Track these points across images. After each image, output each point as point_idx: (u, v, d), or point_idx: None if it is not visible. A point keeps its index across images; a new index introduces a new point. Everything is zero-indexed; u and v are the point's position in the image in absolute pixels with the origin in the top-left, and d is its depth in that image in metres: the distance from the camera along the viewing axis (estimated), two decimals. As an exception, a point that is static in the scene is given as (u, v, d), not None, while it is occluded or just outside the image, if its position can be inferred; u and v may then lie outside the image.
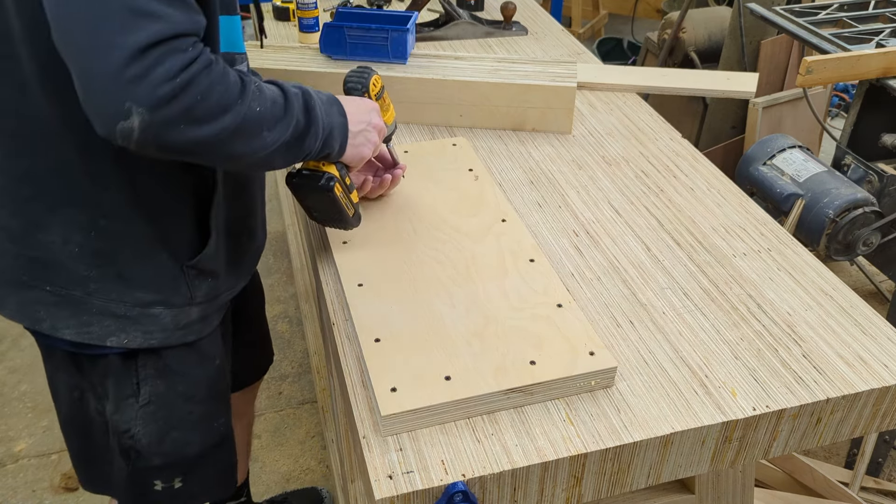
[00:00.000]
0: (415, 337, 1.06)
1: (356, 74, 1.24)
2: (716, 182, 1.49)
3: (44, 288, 1.08)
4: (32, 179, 1.03)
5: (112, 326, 1.09)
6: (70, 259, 1.06)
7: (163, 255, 1.10)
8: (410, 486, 0.90)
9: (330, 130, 1.08)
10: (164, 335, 1.13)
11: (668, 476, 1.03)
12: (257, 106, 0.94)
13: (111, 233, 1.06)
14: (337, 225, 1.23)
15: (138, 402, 1.17)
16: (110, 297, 1.08)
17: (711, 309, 1.18)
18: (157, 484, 1.24)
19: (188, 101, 0.84)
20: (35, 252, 1.06)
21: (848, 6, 2.44)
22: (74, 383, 1.19)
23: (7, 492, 2.11)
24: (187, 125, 0.86)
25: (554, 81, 1.62)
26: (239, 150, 0.94)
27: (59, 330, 1.09)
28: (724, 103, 2.99)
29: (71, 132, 0.99)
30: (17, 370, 2.50)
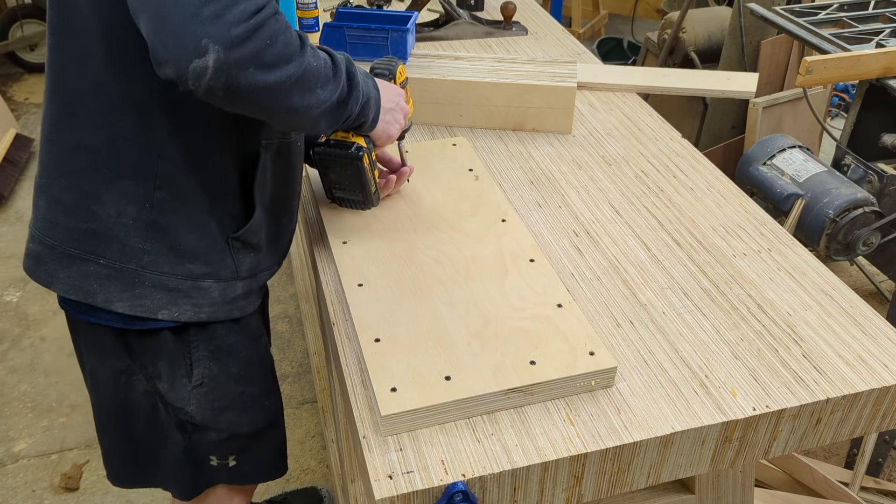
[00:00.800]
0: (415, 337, 1.06)
1: (384, 62, 1.28)
2: (716, 182, 1.49)
3: (97, 261, 1.09)
4: (88, 151, 1.05)
5: (164, 299, 1.11)
6: (124, 231, 1.07)
7: (212, 227, 1.11)
8: (410, 486, 0.90)
9: (367, 99, 1.12)
10: (213, 309, 1.15)
11: (668, 476, 1.03)
12: (314, 61, 0.97)
13: (165, 204, 1.07)
14: (357, 201, 1.25)
15: (191, 383, 1.18)
16: (163, 269, 1.10)
17: (711, 309, 1.18)
18: (213, 459, 1.26)
19: (259, 44, 0.87)
20: (89, 225, 1.08)
21: (848, 6, 2.44)
22: (123, 367, 1.18)
23: (7, 492, 2.11)
24: (256, 69, 0.88)
25: (554, 81, 1.62)
26: (296, 102, 0.97)
27: (113, 303, 1.09)
28: (724, 103, 2.99)
29: (130, 105, 1.02)
30: (17, 370, 2.50)
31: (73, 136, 1.05)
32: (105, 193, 1.06)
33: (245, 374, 1.23)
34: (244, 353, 1.22)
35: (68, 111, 1.04)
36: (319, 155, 1.21)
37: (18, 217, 3.26)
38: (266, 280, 1.26)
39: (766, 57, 2.86)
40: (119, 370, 1.19)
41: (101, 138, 1.04)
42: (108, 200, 1.06)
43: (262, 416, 1.28)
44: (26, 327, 2.67)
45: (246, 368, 1.23)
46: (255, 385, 1.25)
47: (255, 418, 1.27)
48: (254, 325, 1.25)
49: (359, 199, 1.26)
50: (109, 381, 1.21)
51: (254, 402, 1.26)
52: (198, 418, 1.21)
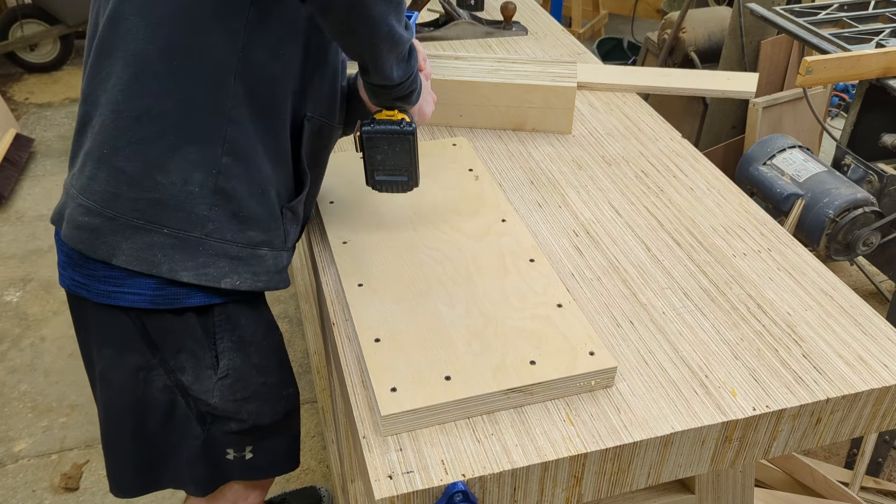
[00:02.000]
0: (415, 337, 1.06)
1: None
2: (716, 182, 1.49)
3: (161, 231, 1.08)
4: (154, 119, 1.06)
5: (226, 267, 1.12)
6: (189, 199, 1.08)
7: (270, 195, 1.14)
8: (410, 486, 0.90)
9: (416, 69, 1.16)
10: (267, 278, 1.17)
11: (668, 476, 1.03)
12: None
13: (231, 170, 1.09)
14: (401, 182, 1.24)
15: (216, 375, 1.18)
16: (225, 237, 1.11)
17: (711, 309, 1.18)
18: (230, 453, 1.25)
19: None
20: (153, 194, 1.07)
21: (848, 6, 2.44)
22: (143, 362, 1.17)
23: (7, 492, 2.11)
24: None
25: (554, 81, 1.62)
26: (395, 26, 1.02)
27: (178, 273, 1.09)
28: (724, 103, 2.99)
29: (205, 69, 1.05)
30: (17, 370, 2.50)
31: (143, 104, 1.06)
32: (171, 162, 1.07)
33: (265, 365, 1.24)
34: (264, 342, 1.23)
35: (140, 79, 1.05)
36: (368, 134, 1.19)
37: (19, 217, 3.26)
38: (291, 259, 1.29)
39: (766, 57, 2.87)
40: (139, 366, 1.18)
41: (172, 104, 1.05)
42: (174, 168, 1.07)
43: (281, 407, 1.28)
44: (26, 327, 2.67)
45: (266, 358, 1.24)
46: (274, 375, 1.26)
47: (276, 408, 1.27)
48: (269, 314, 1.26)
49: (403, 180, 1.24)
50: (126, 379, 1.19)
51: (272, 392, 1.26)
52: (219, 409, 1.21)
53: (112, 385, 1.22)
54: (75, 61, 4.59)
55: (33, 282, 2.88)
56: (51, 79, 4.41)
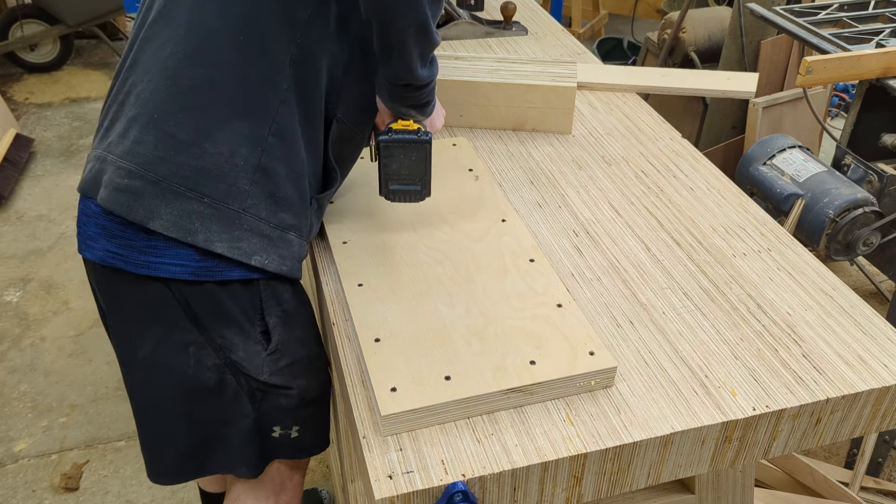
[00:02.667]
0: (415, 337, 1.06)
1: None
2: (716, 182, 1.49)
3: (201, 199, 1.10)
4: (211, 88, 1.09)
5: (258, 245, 1.13)
6: (233, 171, 1.10)
7: (305, 182, 1.17)
8: (410, 486, 0.90)
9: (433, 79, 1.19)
10: (291, 264, 1.18)
11: (668, 476, 1.03)
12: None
13: (275, 150, 1.12)
14: (414, 192, 1.24)
15: (266, 350, 1.19)
16: (261, 215, 1.13)
17: (711, 309, 1.18)
18: (276, 430, 1.25)
19: None
20: (199, 162, 1.09)
21: (848, 6, 2.44)
22: (192, 339, 1.16)
23: (7, 492, 2.11)
24: None
25: (554, 81, 1.62)
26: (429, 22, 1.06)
27: (213, 243, 1.10)
28: (724, 103, 2.99)
29: (266, 49, 1.10)
30: (17, 370, 2.50)
31: (202, 72, 1.09)
32: (220, 132, 1.09)
33: (306, 338, 1.24)
34: (304, 316, 1.24)
35: (201, 49, 1.10)
36: (385, 143, 1.19)
37: (19, 217, 3.26)
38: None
39: (766, 57, 2.86)
40: (187, 342, 1.16)
41: (231, 77, 1.09)
42: (223, 139, 1.09)
43: (323, 379, 1.29)
44: (26, 327, 2.67)
45: (306, 331, 1.25)
46: (314, 347, 1.26)
47: (319, 380, 1.28)
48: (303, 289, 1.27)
49: (416, 190, 1.24)
50: (175, 357, 1.16)
51: (313, 364, 1.26)
52: (269, 384, 1.20)
53: (158, 365, 1.18)
54: (75, 61, 4.59)
55: (33, 282, 2.88)
56: (51, 79, 4.41)
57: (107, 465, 2.19)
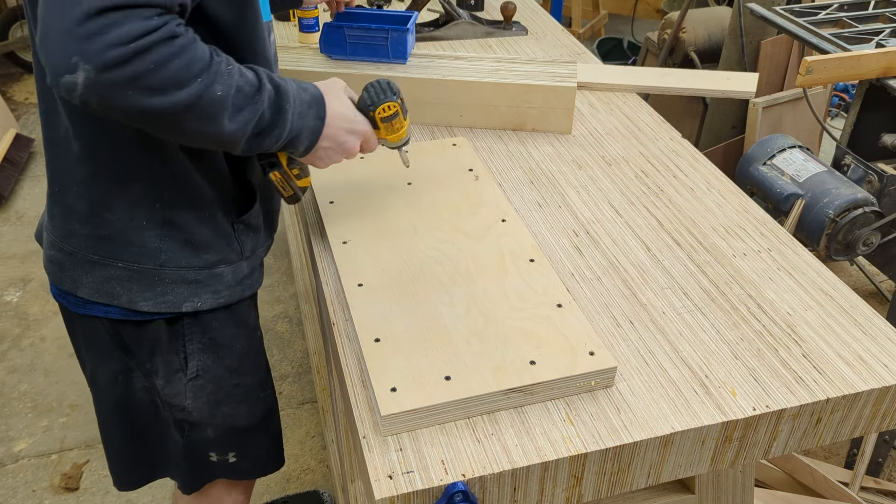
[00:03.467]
0: (415, 337, 1.06)
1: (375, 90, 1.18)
2: (716, 182, 1.49)
3: (116, 265, 1.11)
4: (93, 159, 1.07)
5: (185, 292, 1.13)
6: (138, 233, 1.09)
7: (218, 215, 1.15)
8: (410, 486, 0.90)
9: (298, 133, 1.06)
10: (229, 292, 1.18)
11: (668, 476, 1.03)
12: (220, 90, 0.93)
13: (175, 202, 1.10)
14: None
15: (186, 376, 1.20)
16: (181, 264, 1.12)
17: (711, 309, 1.18)
18: (213, 455, 1.28)
19: (139, 68, 0.85)
20: (103, 231, 1.09)
21: (848, 6, 2.44)
22: (121, 366, 1.20)
23: (7, 492, 2.11)
24: (135, 92, 0.86)
25: (554, 81, 1.62)
26: (192, 128, 0.93)
27: (137, 303, 1.12)
28: (724, 103, 2.99)
29: None
30: (17, 370, 2.50)
31: (80, 145, 1.06)
32: (115, 200, 1.08)
33: (239, 367, 1.25)
34: (238, 344, 1.24)
35: (72, 121, 1.05)
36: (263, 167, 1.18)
37: (19, 217, 3.26)
38: (263, 256, 1.29)
39: (766, 57, 2.86)
40: (118, 370, 1.21)
41: (106, 146, 1.05)
42: (119, 206, 1.08)
43: (258, 409, 1.29)
44: (26, 327, 2.67)
45: (241, 360, 1.25)
46: (249, 376, 1.27)
47: (252, 410, 1.28)
48: (247, 316, 1.26)
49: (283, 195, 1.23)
50: (109, 381, 1.23)
51: (248, 394, 1.27)
52: (195, 414, 1.22)
53: (98, 386, 1.26)
54: (75, 61, 4.58)
55: (33, 282, 2.87)
56: (51, 79, 4.40)
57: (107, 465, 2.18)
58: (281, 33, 2.10)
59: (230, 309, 1.21)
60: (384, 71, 1.64)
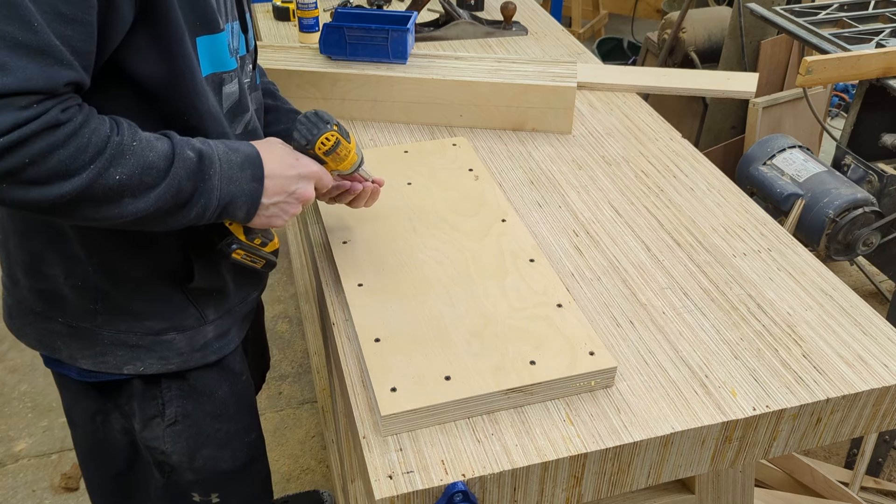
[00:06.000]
0: (415, 337, 1.06)
1: (308, 124, 1.08)
2: (716, 182, 1.49)
3: (57, 319, 1.07)
4: (24, 214, 1.02)
5: (126, 356, 1.08)
6: (74, 293, 1.05)
7: (163, 283, 1.07)
8: (410, 486, 0.90)
9: (230, 200, 0.97)
10: (182, 359, 1.11)
11: (668, 476, 1.03)
12: (118, 174, 0.85)
13: (107, 269, 1.04)
14: None
15: (164, 422, 1.16)
16: (119, 328, 1.07)
17: (711, 309, 1.18)
18: (195, 496, 1.23)
19: (12, 163, 0.77)
20: (42, 285, 1.06)
21: (848, 6, 2.44)
22: (97, 408, 1.16)
23: (7, 492, 2.11)
24: (11, 185, 0.79)
25: (554, 81, 1.62)
26: (90, 215, 0.86)
27: (77, 360, 1.08)
28: (724, 103, 2.99)
29: None
30: (17, 370, 2.50)
31: None
32: (51, 255, 1.03)
33: (222, 412, 1.20)
34: (220, 391, 1.19)
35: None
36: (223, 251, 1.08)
37: (18, 217, 3.26)
38: (246, 311, 1.21)
39: (766, 57, 2.86)
40: (94, 411, 1.17)
41: None
42: (55, 261, 1.04)
43: (242, 453, 1.25)
44: (26, 327, 2.67)
45: (223, 406, 1.20)
46: (233, 422, 1.22)
47: (236, 454, 1.24)
48: (232, 363, 1.20)
49: None
50: (86, 419, 1.19)
51: (232, 438, 1.23)
52: (174, 458, 1.18)
53: (76, 426, 1.22)
54: (75, 61, 4.58)
55: (33, 282, 2.87)
56: (51, 79, 4.40)
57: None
58: (281, 33, 2.10)
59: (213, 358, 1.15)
60: (384, 71, 1.64)
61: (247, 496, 1.30)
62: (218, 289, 1.13)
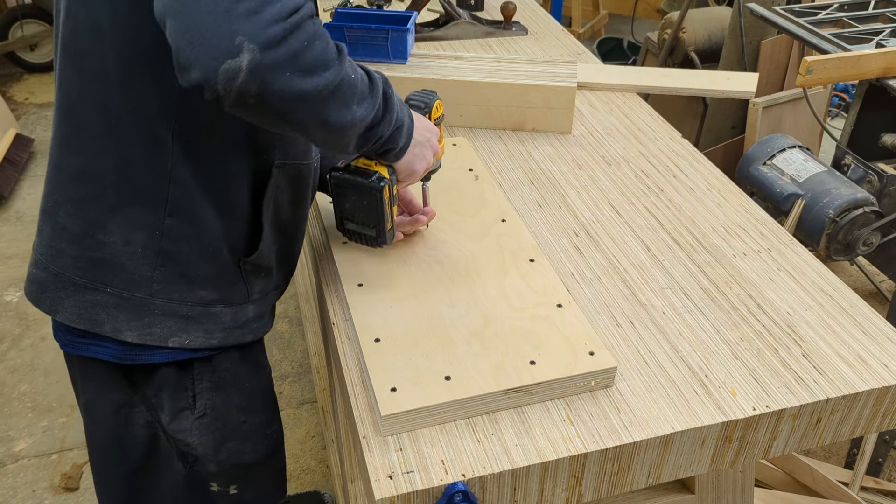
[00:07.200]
0: (415, 337, 1.06)
1: (421, 94, 1.19)
2: (716, 182, 1.49)
3: (104, 290, 1.04)
4: (94, 177, 1.01)
5: (174, 327, 1.07)
6: (132, 260, 1.03)
7: (223, 252, 1.07)
8: (410, 486, 0.90)
9: (400, 125, 1.04)
10: (224, 334, 1.11)
11: (668, 476, 1.03)
12: (352, 73, 0.91)
13: (176, 232, 1.03)
14: (369, 237, 1.17)
15: (193, 415, 1.15)
16: (173, 297, 1.06)
17: (711, 309, 1.18)
18: (214, 486, 1.23)
19: (296, 45, 0.82)
20: (94, 253, 1.03)
21: (848, 6, 2.44)
22: (124, 400, 1.15)
23: (7, 492, 2.11)
24: (293, 73, 0.83)
25: (554, 81, 1.62)
26: (331, 116, 0.90)
27: (122, 332, 1.06)
28: (724, 103, 2.99)
29: (142, 128, 0.98)
30: (17, 370, 2.50)
31: (80, 160, 1.01)
32: (111, 221, 1.02)
33: (248, 405, 1.20)
34: (248, 383, 1.20)
35: (75, 134, 1.01)
36: (336, 180, 1.12)
37: (19, 217, 3.26)
38: (276, 300, 1.23)
39: (766, 57, 2.86)
40: (120, 404, 1.15)
41: (110, 163, 1.00)
42: (115, 228, 1.02)
43: (263, 446, 1.25)
44: (26, 327, 2.67)
45: (250, 398, 1.20)
46: (257, 415, 1.23)
47: (257, 447, 1.24)
48: (259, 354, 1.22)
49: (371, 235, 1.16)
50: (108, 415, 1.17)
51: (255, 431, 1.23)
52: (199, 450, 1.18)
53: (94, 420, 1.20)
54: (75, 61, 4.59)
55: (33, 282, 2.87)
56: (51, 79, 4.39)
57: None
58: (281, 33, 2.10)
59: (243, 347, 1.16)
60: (384, 71, 1.64)
61: (263, 488, 1.31)
62: (266, 269, 1.15)
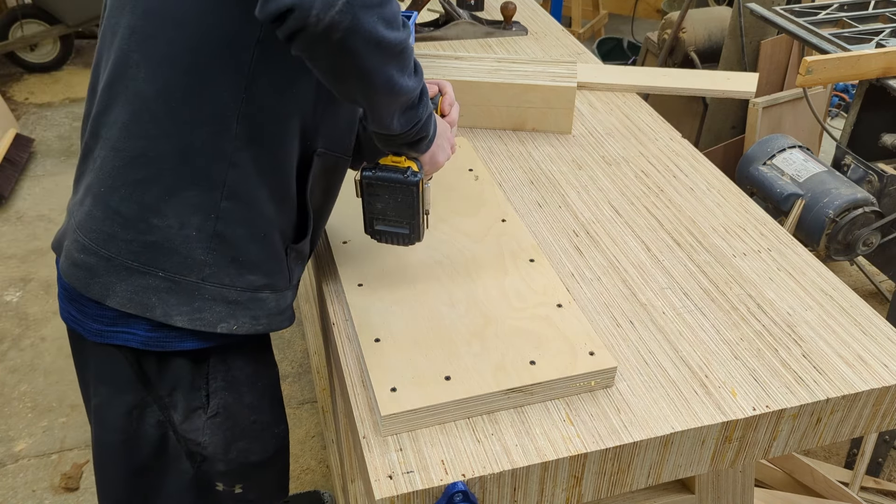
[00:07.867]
0: (415, 337, 1.06)
1: None
2: (716, 182, 1.49)
3: (156, 274, 1.05)
4: (151, 161, 1.02)
5: (223, 312, 1.08)
6: (186, 243, 1.04)
7: (274, 238, 1.09)
8: (410, 486, 0.90)
9: (430, 113, 1.07)
10: (268, 320, 1.12)
11: (668, 476, 1.03)
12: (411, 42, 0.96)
13: (231, 215, 1.04)
14: (402, 235, 1.15)
15: (206, 414, 1.16)
16: (223, 282, 1.07)
17: (711, 309, 1.18)
18: (219, 485, 1.24)
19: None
20: (149, 237, 1.04)
21: (848, 6, 2.44)
22: (137, 401, 1.15)
23: (7, 492, 2.11)
24: (379, 19, 0.86)
25: (554, 81, 1.62)
26: (395, 77, 0.93)
27: (172, 317, 1.06)
28: (724, 103, 2.99)
29: (205, 112, 1.00)
30: (17, 370, 2.50)
31: (140, 144, 1.02)
32: (167, 205, 1.03)
33: (258, 404, 1.21)
34: (260, 382, 1.21)
35: (138, 120, 1.02)
36: (368, 180, 1.10)
37: (19, 217, 3.26)
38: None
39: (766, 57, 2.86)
40: (133, 405, 1.16)
41: (169, 147, 1.01)
42: (171, 212, 1.03)
43: (271, 445, 1.26)
44: (26, 327, 2.67)
45: (260, 398, 1.21)
46: (267, 413, 1.23)
47: (265, 446, 1.25)
48: (270, 352, 1.24)
49: (404, 233, 1.14)
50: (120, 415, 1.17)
51: (264, 430, 1.24)
52: (209, 449, 1.18)
53: (105, 423, 1.20)
54: (75, 61, 4.59)
55: (33, 282, 2.87)
56: (51, 79, 4.40)
57: (107, 465, 2.19)
58: (281, 33, 2.10)
59: (253, 344, 1.17)
60: (384, 71, 1.64)
61: (267, 487, 1.31)
62: (304, 257, 1.17)
